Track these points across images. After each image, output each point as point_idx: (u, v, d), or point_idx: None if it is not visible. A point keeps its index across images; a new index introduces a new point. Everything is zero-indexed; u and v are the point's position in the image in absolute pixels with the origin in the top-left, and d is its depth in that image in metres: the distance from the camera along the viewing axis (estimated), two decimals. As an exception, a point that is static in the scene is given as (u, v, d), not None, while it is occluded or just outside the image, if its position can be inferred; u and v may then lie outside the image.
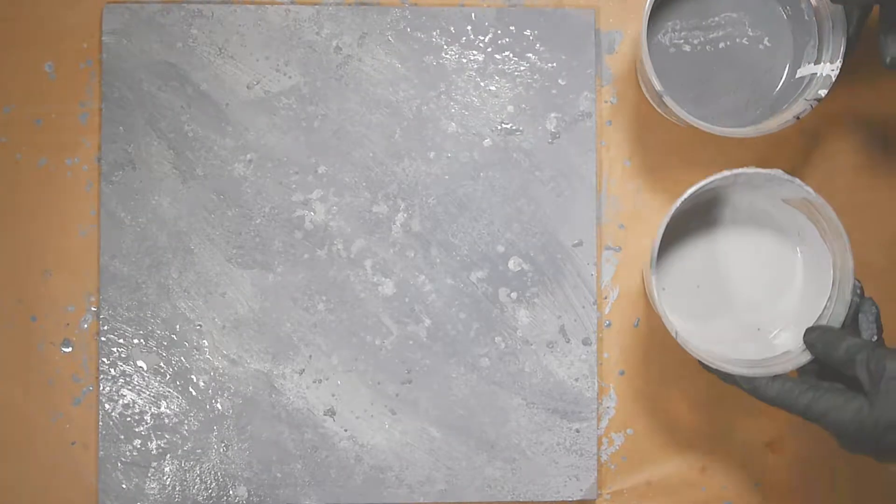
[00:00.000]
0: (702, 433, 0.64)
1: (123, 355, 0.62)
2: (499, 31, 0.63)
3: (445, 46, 0.63)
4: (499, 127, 0.63)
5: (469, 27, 0.63)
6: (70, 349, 0.63)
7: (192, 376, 0.62)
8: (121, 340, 0.62)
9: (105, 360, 0.62)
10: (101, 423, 0.62)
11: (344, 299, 0.63)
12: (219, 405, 0.62)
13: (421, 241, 0.63)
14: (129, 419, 0.62)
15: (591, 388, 0.63)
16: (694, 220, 0.61)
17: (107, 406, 0.62)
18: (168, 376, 0.62)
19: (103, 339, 0.62)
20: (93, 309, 0.63)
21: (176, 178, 0.63)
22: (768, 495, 0.64)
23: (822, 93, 0.57)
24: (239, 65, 0.63)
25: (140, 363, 0.62)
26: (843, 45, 0.57)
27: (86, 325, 0.63)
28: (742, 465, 0.64)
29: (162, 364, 0.62)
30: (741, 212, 0.61)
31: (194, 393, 0.62)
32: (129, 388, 0.62)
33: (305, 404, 0.62)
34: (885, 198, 0.65)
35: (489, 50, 0.63)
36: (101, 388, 0.62)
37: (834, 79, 0.57)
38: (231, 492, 0.62)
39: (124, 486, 0.62)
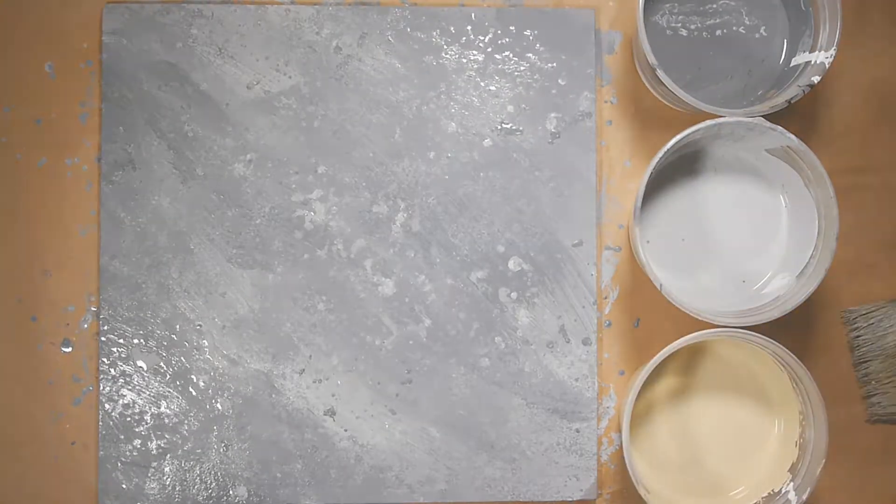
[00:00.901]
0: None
1: (123, 355, 0.62)
2: (499, 31, 0.63)
3: (445, 46, 0.63)
4: (499, 127, 0.63)
5: (469, 27, 0.63)
6: (70, 349, 0.63)
7: (192, 376, 0.62)
8: (121, 340, 0.62)
9: (105, 360, 0.62)
10: (101, 423, 0.62)
11: (344, 299, 0.63)
12: (219, 405, 0.62)
13: (421, 241, 0.63)
14: (129, 419, 0.62)
15: (591, 388, 0.63)
16: (678, 174, 0.62)
17: (107, 406, 0.62)
18: (168, 376, 0.62)
19: (103, 339, 0.62)
20: (93, 309, 0.63)
21: (176, 178, 0.63)
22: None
23: (815, 79, 0.57)
24: (239, 65, 0.63)
25: (140, 363, 0.62)
26: (837, 33, 0.57)
27: (86, 325, 0.63)
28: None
29: (162, 364, 0.62)
30: (725, 164, 0.62)
31: (194, 393, 0.62)
32: (129, 388, 0.62)
33: (305, 404, 0.62)
34: (886, 198, 0.65)
35: (489, 50, 0.63)
36: (101, 388, 0.62)
37: (827, 66, 0.57)
38: (231, 492, 0.62)
39: (124, 486, 0.62)
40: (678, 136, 0.57)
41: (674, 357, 0.62)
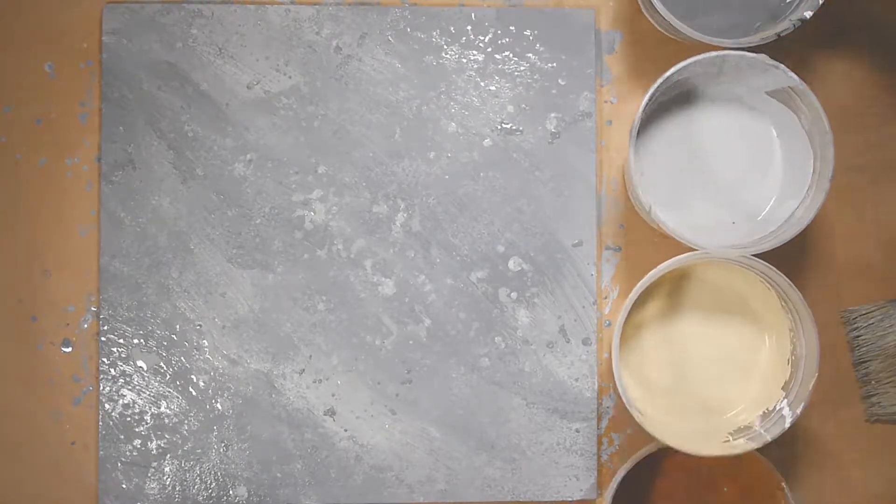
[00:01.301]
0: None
1: (123, 355, 0.62)
2: (499, 31, 0.63)
3: (445, 46, 0.63)
4: (499, 127, 0.63)
5: (469, 27, 0.63)
6: (70, 349, 0.63)
7: (192, 376, 0.62)
8: (121, 340, 0.62)
9: (105, 360, 0.62)
10: (101, 423, 0.62)
11: (344, 299, 0.63)
12: (219, 405, 0.62)
13: (421, 241, 0.63)
14: (129, 419, 0.62)
15: (591, 388, 0.63)
16: (675, 109, 0.62)
17: (107, 406, 0.62)
18: (168, 376, 0.62)
19: (103, 339, 0.62)
20: (93, 309, 0.63)
21: (176, 178, 0.63)
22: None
23: (808, 14, 0.58)
24: (239, 65, 0.63)
25: (140, 363, 0.62)
26: None
27: (86, 325, 0.63)
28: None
29: (162, 364, 0.62)
30: (723, 103, 0.62)
31: (194, 393, 0.62)
32: (129, 388, 0.62)
33: (305, 404, 0.62)
34: (886, 198, 0.65)
35: (489, 50, 0.63)
36: (101, 388, 0.62)
37: (821, 2, 0.58)
38: (231, 492, 0.62)
39: (124, 486, 0.62)
40: (679, 65, 0.57)
41: (660, 286, 0.61)
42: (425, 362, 0.63)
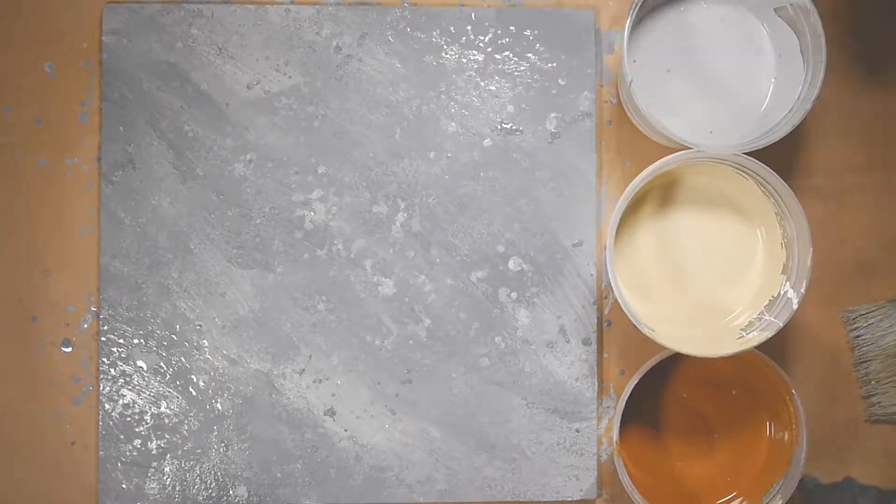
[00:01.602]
0: (702, 433, 0.64)
1: (123, 355, 0.62)
2: (499, 31, 0.63)
3: (445, 46, 0.63)
4: (499, 127, 0.63)
5: (469, 27, 0.63)
6: (70, 349, 0.63)
7: (192, 376, 0.62)
8: (121, 340, 0.62)
9: (105, 360, 0.62)
10: (101, 423, 0.62)
11: (344, 299, 0.63)
12: (219, 405, 0.62)
13: (421, 241, 0.63)
14: (129, 419, 0.62)
15: (591, 388, 0.63)
16: (671, 12, 0.62)
17: (107, 406, 0.62)
18: (168, 376, 0.62)
19: (103, 339, 0.62)
20: (93, 309, 0.63)
21: (176, 178, 0.63)
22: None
23: None
24: (239, 65, 0.63)
25: (140, 363, 0.62)
26: None
27: (86, 325, 0.63)
28: (742, 465, 0.64)
29: (162, 364, 0.62)
30: (724, 13, 0.62)
31: (194, 393, 0.62)
32: (129, 388, 0.62)
33: (305, 404, 0.62)
34: (886, 198, 0.65)
35: (489, 50, 0.63)
36: (101, 388, 0.62)
37: None
38: (231, 492, 0.62)
39: (124, 486, 0.62)
40: None
41: (649, 203, 0.62)
42: (425, 362, 0.63)
